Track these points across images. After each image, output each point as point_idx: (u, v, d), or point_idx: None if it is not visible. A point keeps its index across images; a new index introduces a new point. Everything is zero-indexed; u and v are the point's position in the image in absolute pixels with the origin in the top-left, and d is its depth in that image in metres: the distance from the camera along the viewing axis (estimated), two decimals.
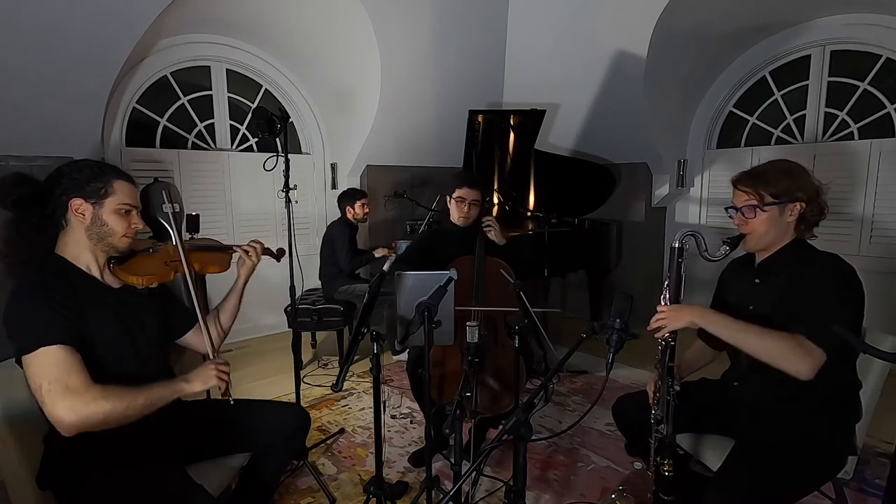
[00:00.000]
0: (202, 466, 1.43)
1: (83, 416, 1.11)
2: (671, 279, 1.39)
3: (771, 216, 1.40)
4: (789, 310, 1.36)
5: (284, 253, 1.82)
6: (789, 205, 1.39)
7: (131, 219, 1.33)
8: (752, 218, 1.41)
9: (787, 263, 1.43)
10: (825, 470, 1.40)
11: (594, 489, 2.09)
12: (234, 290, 1.66)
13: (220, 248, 1.66)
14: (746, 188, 1.42)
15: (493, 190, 3.88)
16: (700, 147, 4.28)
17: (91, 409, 1.12)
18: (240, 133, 4.06)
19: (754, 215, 1.41)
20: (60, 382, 1.11)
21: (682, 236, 1.38)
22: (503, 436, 1.03)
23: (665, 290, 1.40)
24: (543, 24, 3.92)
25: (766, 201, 1.39)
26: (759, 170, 1.44)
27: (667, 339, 1.40)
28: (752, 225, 1.42)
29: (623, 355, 1.28)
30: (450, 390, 2.08)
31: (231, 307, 1.65)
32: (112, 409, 1.15)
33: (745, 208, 1.42)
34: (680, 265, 1.37)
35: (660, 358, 1.42)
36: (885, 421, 1.83)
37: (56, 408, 1.10)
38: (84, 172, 1.26)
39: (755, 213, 1.40)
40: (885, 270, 3.27)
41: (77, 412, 1.11)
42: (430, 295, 1.50)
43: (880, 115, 3.43)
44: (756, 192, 1.40)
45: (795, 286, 1.37)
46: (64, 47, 2.64)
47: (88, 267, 1.31)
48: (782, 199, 1.38)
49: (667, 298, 1.40)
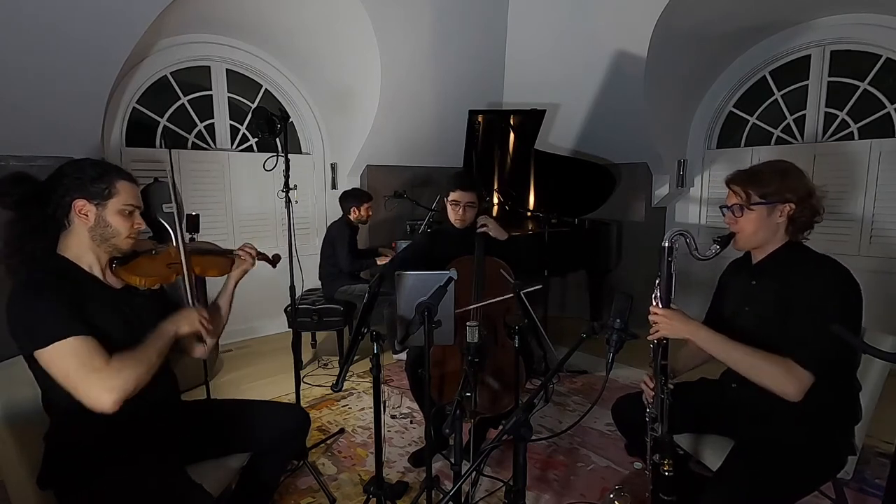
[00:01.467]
0: (202, 466, 1.44)
1: (120, 387, 1.14)
2: (662, 278, 1.41)
3: (759, 216, 1.40)
4: (782, 313, 1.36)
5: (280, 259, 1.82)
6: (779, 205, 1.38)
7: (134, 219, 1.32)
8: (741, 217, 1.43)
9: (781, 265, 1.43)
10: (825, 470, 1.40)
11: (594, 489, 2.09)
12: (224, 294, 1.63)
13: (221, 252, 1.66)
14: (736, 187, 1.44)
15: (493, 190, 3.88)
16: (700, 147, 4.28)
17: (123, 377, 1.15)
18: (240, 133, 4.06)
19: (742, 214, 1.42)
20: (86, 367, 1.13)
21: (673, 236, 1.39)
22: (503, 436, 1.03)
23: (656, 289, 1.42)
24: (543, 24, 3.92)
25: (753, 200, 1.40)
26: (754, 170, 1.45)
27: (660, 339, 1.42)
28: (741, 224, 1.43)
29: (623, 355, 1.28)
30: (450, 390, 2.08)
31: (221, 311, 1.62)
32: (136, 369, 1.18)
33: (734, 207, 1.44)
34: (670, 264, 1.39)
35: (652, 356, 1.43)
36: (885, 421, 1.83)
37: (93, 390, 1.12)
38: (87, 173, 1.26)
39: (742, 212, 1.42)
40: (884, 270, 3.27)
41: (114, 387, 1.13)
42: (430, 295, 1.50)
43: (880, 115, 3.43)
44: (744, 191, 1.41)
45: (788, 289, 1.37)
46: (64, 47, 2.64)
47: (91, 267, 1.30)
48: (770, 199, 1.38)
49: (659, 297, 1.42)
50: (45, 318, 1.14)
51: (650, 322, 1.43)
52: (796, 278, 1.37)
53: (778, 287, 1.40)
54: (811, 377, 1.26)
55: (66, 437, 1.25)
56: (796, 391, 1.27)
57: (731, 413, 1.53)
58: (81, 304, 1.20)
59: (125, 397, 1.15)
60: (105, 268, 1.34)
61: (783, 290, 1.38)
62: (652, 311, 1.42)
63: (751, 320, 1.46)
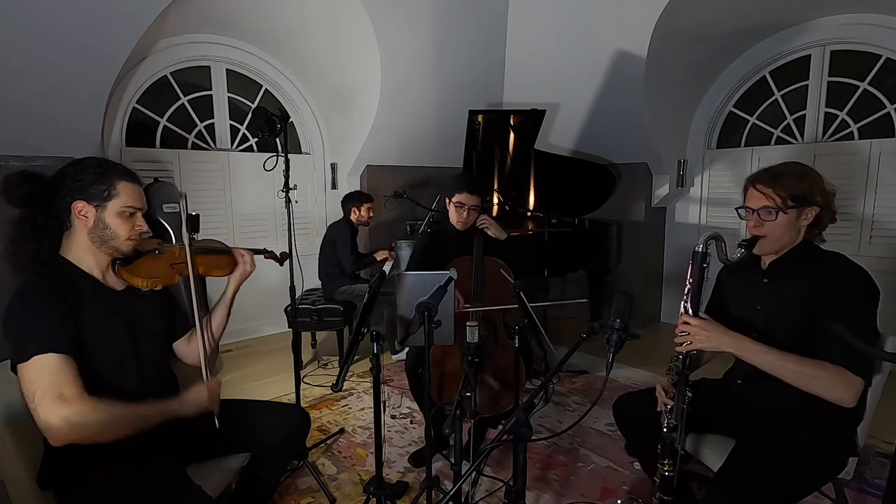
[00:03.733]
0: (202, 466, 1.44)
1: (75, 426, 1.09)
2: (693, 285, 1.33)
3: (789, 219, 1.37)
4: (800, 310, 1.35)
5: (288, 257, 1.81)
6: (806, 209, 1.36)
7: (135, 221, 1.31)
8: (771, 220, 1.37)
9: (797, 264, 1.41)
10: (826, 470, 1.40)
11: (594, 489, 2.09)
12: (223, 301, 1.58)
13: (225, 250, 1.63)
14: (766, 189, 1.37)
15: (493, 190, 3.88)
16: (700, 147, 4.28)
17: (84, 419, 1.10)
18: (240, 133, 4.06)
19: (774, 218, 1.36)
20: (53, 390, 1.09)
21: (707, 240, 1.30)
22: (503, 436, 1.03)
23: (686, 298, 1.35)
24: (543, 24, 3.92)
25: (788, 204, 1.35)
26: (778, 171, 1.39)
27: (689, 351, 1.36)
28: (769, 227, 1.38)
29: (623, 355, 1.27)
30: (450, 390, 2.08)
31: (220, 319, 1.58)
32: (104, 422, 1.13)
33: (762, 210, 1.38)
34: (704, 271, 1.30)
35: (678, 366, 1.37)
36: (885, 421, 1.83)
37: (49, 416, 1.08)
38: (87, 174, 1.25)
39: (776, 215, 1.36)
40: (885, 270, 3.26)
41: (69, 422, 1.08)
42: (430, 295, 1.49)
43: (880, 116, 3.43)
44: (777, 193, 1.36)
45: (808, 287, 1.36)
46: (64, 47, 2.64)
47: (91, 269, 1.30)
48: (802, 202, 1.35)
49: (687, 306, 1.35)
50: (31, 332, 1.13)
51: (678, 332, 1.36)
52: (816, 278, 1.36)
53: (795, 286, 1.39)
54: (862, 382, 1.26)
55: None
56: (852, 398, 1.26)
57: (733, 411, 1.52)
58: (78, 310, 1.20)
59: (74, 440, 1.09)
60: (106, 269, 1.33)
61: (802, 289, 1.37)
62: (683, 320, 1.35)
63: (762, 320, 1.44)
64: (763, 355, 1.31)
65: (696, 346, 1.34)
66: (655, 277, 4.53)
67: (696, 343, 1.33)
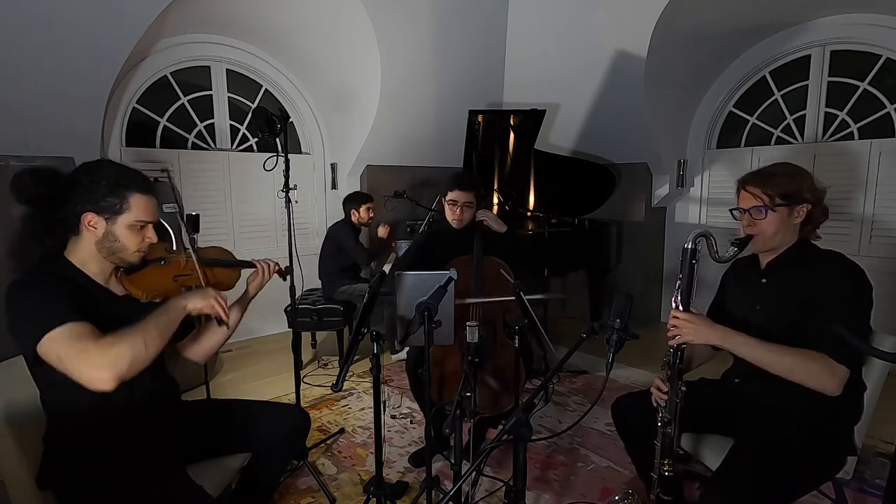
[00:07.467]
0: (202, 466, 1.44)
1: (110, 363, 1.07)
2: (683, 281, 1.37)
3: (780, 217, 1.40)
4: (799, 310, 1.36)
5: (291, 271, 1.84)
6: (797, 206, 1.39)
7: (146, 233, 1.30)
8: (762, 219, 1.41)
9: (795, 263, 1.43)
10: (824, 470, 1.41)
11: (594, 489, 2.09)
12: (240, 304, 1.59)
13: (234, 263, 1.62)
14: (755, 189, 1.42)
15: (493, 190, 3.88)
16: (700, 147, 4.28)
17: (113, 353, 1.09)
18: (240, 133, 4.06)
19: (764, 216, 1.40)
20: (74, 348, 1.08)
21: (696, 237, 1.34)
22: (503, 436, 1.03)
23: (676, 293, 1.39)
24: (543, 24, 3.92)
25: (776, 202, 1.38)
26: (767, 171, 1.44)
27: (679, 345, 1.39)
28: (761, 226, 1.42)
29: (623, 355, 1.28)
30: (450, 390, 2.08)
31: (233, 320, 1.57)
32: (132, 347, 1.11)
33: (753, 210, 1.42)
34: (693, 267, 1.35)
35: (669, 361, 1.41)
36: (885, 421, 1.83)
37: (84, 370, 1.07)
38: (102, 186, 1.22)
39: (765, 213, 1.40)
40: (885, 270, 3.27)
41: (103, 364, 1.07)
42: (430, 295, 1.49)
43: (880, 116, 3.43)
44: (765, 192, 1.40)
45: (805, 286, 1.37)
46: (64, 47, 2.64)
47: (95, 275, 1.29)
48: (791, 200, 1.38)
49: (678, 301, 1.39)
50: (42, 309, 1.12)
51: (669, 327, 1.40)
52: (813, 276, 1.38)
53: (793, 285, 1.40)
54: (847, 371, 1.27)
55: (64, 437, 1.25)
56: (836, 386, 1.27)
57: (731, 411, 1.53)
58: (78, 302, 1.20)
59: (122, 374, 1.09)
60: (109, 276, 1.33)
61: (799, 287, 1.39)
62: (673, 315, 1.39)
63: (762, 318, 1.46)
64: (749, 347, 1.35)
65: (684, 338, 1.37)
66: (655, 277, 4.53)
67: (685, 336, 1.37)
